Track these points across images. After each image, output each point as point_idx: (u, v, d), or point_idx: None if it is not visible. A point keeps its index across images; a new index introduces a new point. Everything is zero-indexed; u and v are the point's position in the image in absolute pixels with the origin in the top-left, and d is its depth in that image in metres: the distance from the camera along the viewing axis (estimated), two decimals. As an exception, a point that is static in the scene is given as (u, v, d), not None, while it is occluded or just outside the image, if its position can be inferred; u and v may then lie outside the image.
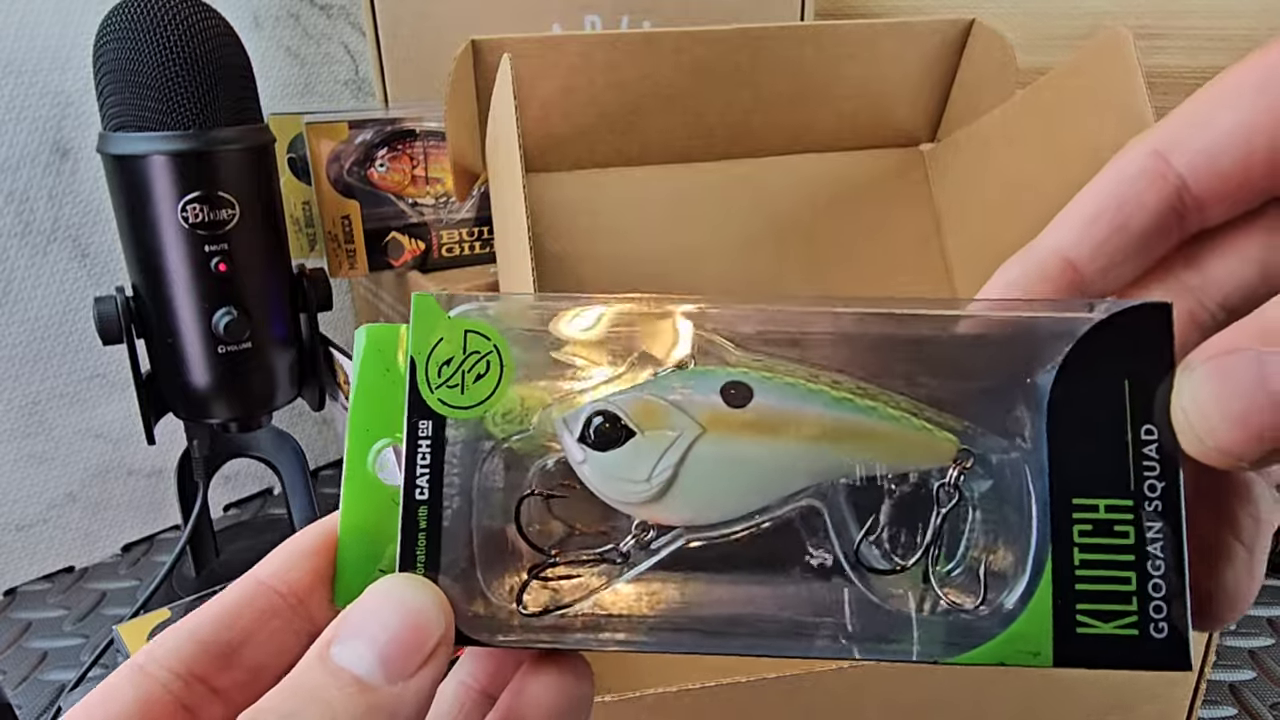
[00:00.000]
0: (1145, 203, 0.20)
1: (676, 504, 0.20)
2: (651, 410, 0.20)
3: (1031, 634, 0.18)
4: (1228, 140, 0.19)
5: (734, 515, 0.20)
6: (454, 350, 0.20)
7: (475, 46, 0.48)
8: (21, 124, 0.55)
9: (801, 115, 0.56)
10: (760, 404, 0.20)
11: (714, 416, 0.20)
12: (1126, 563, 0.18)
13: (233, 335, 0.48)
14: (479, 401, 0.20)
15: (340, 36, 0.67)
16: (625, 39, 0.52)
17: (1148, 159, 0.20)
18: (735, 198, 0.57)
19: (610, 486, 0.20)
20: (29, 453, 0.59)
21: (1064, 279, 0.20)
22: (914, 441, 0.20)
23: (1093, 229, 0.20)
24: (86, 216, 0.58)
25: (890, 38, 0.54)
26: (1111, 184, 0.20)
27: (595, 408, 0.20)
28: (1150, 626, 0.18)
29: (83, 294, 0.59)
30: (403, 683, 0.17)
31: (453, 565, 0.19)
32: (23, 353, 0.57)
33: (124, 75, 0.44)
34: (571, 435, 0.20)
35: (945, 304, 0.21)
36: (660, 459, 0.19)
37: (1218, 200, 0.20)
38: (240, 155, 0.47)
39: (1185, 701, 0.38)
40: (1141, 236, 0.20)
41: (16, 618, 0.57)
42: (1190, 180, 0.19)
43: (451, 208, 0.61)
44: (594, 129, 0.53)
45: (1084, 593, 0.18)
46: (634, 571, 0.20)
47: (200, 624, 0.19)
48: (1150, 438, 0.18)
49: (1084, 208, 0.21)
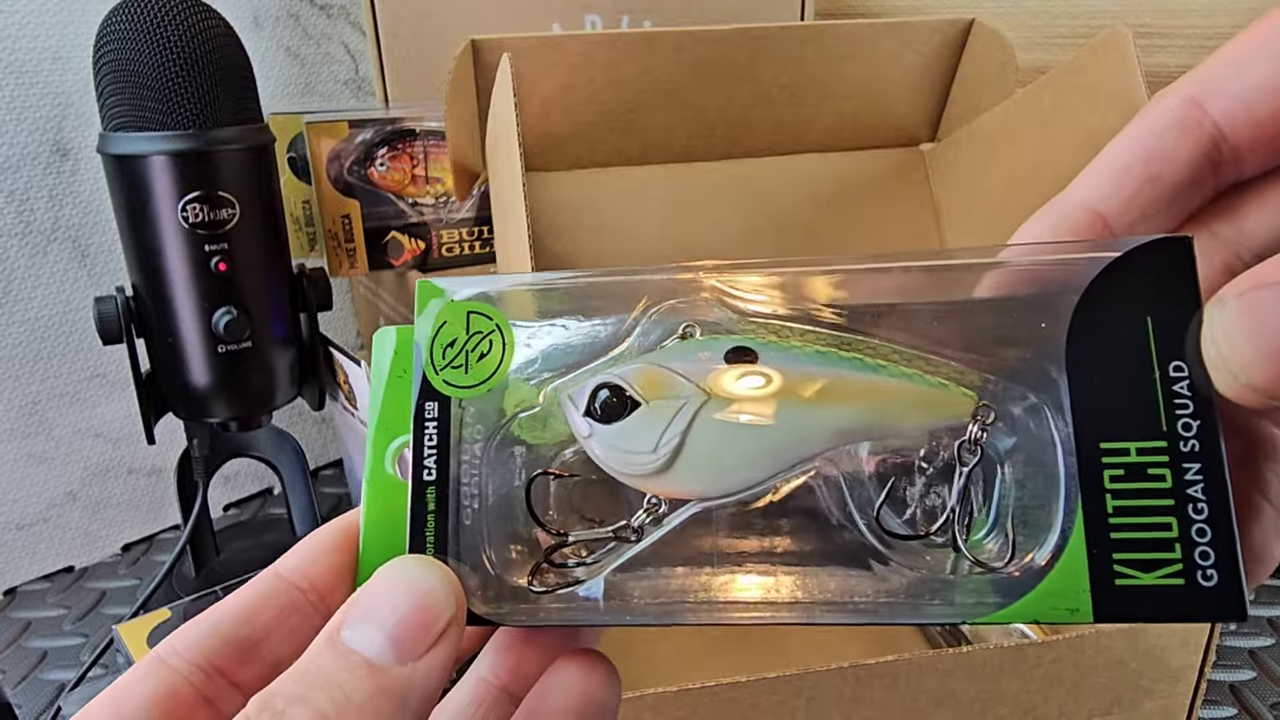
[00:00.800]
0: (1179, 153, 0.19)
1: (686, 474, 0.19)
2: (655, 379, 0.19)
3: (1067, 589, 0.17)
4: (1267, 86, 0.18)
5: (745, 484, 0.19)
6: (457, 332, 0.20)
7: (475, 46, 0.48)
8: (22, 124, 0.55)
9: (802, 114, 0.56)
10: (764, 367, 0.19)
11: (718, 383, 0.19)
12: (1165, 508, 0.17)
13: (233, 335, 0.48)
14: (482, 380, 0.20)
15: (340, 36, 0.67)
16: (625, 38, 0.52)
17: (1182, 107, 0.19)
18: (735, 197, 0.57)
19: (618, 459, 0.19)
20: (29, 452, 0.59)
21: (1092, 232, 0.20)
22: (929, 398, 0.19)
23: (1123, 181, 0.19)
24: (86, 216, 0.58)
25: (890, 37, 0.54)
26: (1144, 133, 0.19)
27: (599, 380, 0.19)
28: (1198, 574, 0.17)
29: (83, 294, 0.59)
30: (412, 664, 0.17)
31: (462, 545, 0.19)
32: (23, 352, 0.57)
33: (124, 75, 0.44)
34: (577, 410, 0.20)
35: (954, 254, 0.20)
36: (667, 428, 0.19)
37: (1254, 150, 0.19)
38: (240, 155, 0.47)
39: (1186, 700, 0.38)
40: (1174, 188, 0.19)
41: (16, 617, 0.57)
42: (1226, 129, 0.18)
43: (451, 207, 0.61)
44: (594, 128, 0.53)
45: (1121, 541, 0.17)
46: (646, 543, 0.20)
47: (222, 618, 0.20)
48: (1180, 374, 0.17)
49: (1114, 159, 0.20)
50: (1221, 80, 0.19)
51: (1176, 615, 0.17)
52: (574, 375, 0.20)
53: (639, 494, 0.20)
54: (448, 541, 0.19)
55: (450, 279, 0.21)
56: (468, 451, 0.20)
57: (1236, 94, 0.18)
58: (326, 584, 0.20)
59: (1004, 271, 0.19)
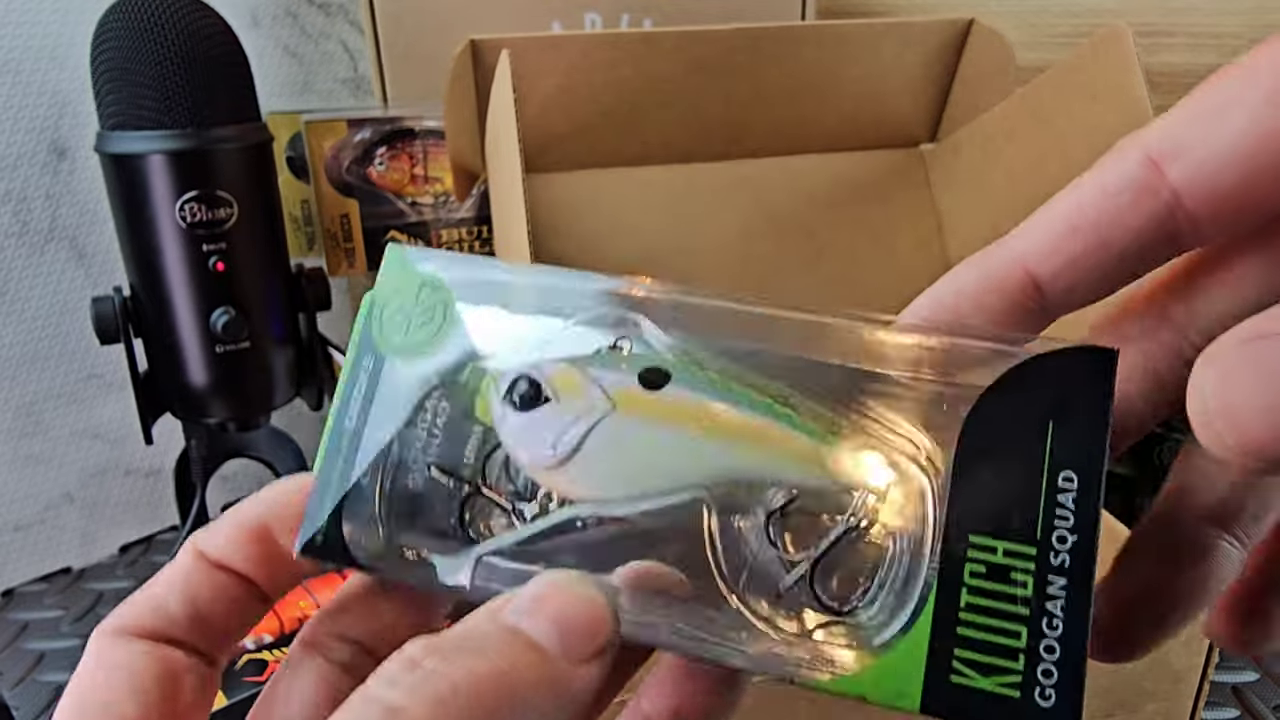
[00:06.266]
0: (1131, 220, 0.17)
1: (577, 476, 0.20)
2: (569, 380, 0.20)
3: (902, 672, 0.17)
4: (1232, 151, 0.16)
5: (627, 497, 0.19)
6: (407, 299, 0.21)
7: (475, 45, 0.48)
8: (19, 123, 0.54)
9: (801, 115, 0.56)
10: (673, 391, 0.20)
11: (626, 396, 0.20)
12: (1018, 615, 0.17)
13: (231, 335, 0.48)
14: (419, 348, 0.21)
15: (339, 35, 0.67)
16: (625, 38, 0.51)
17: (1139, 168, 0.17)
18: (735, 198, 0.57)
19: (521, 448, 0.20)
20: (26, 453, 0.58)
21: (1021, 295, 0.18)
22: (826, 457, 0.19)
23: (1066, 244, 0.18)
24: (84, 216, 0.58)
25: (890, 38, 0.54)
26: (1098, 193, 0.18)
27: (521, 370, 0.20)
28: (1036, 691, 0.16)
29: (80, 294, 0.58)
30: (581, 665, 0.17)
31: (361, 495, 0.20)
32: (20, 353, 0.57)
33: (122, 74, 0.44)
34: (498, 393, 0.20)
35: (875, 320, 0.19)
36: (568, 429, 0.20)
37: (1214, 220, 0.17)
38: (238, 154, 0.47)
39: (1188, 702, 0.38)
40: (1121, 258, 0.18)
41: (14, 618, 0.57)
42: (1185, 196, 0.17)
43: (451, 207, 0.61)
44: (594, 128, 0.53)
45: (966, 639, 0.17)
46: (526, 532, 0.20)
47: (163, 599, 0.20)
48: (1069, 486, 0.17)
49: (1060, 217, 0.18)
50: (1186, 140, 0.17)
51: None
52: (506, 361, 0.21)
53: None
54: (348, 483, 0.20)
55: (420, 250, 0.22)
56: (391, 409, 0.21)
57: (1200, 158, 0.16)
58: (250, 569, 0.21)
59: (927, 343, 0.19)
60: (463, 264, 0.22)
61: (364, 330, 0.21)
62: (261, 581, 0.21)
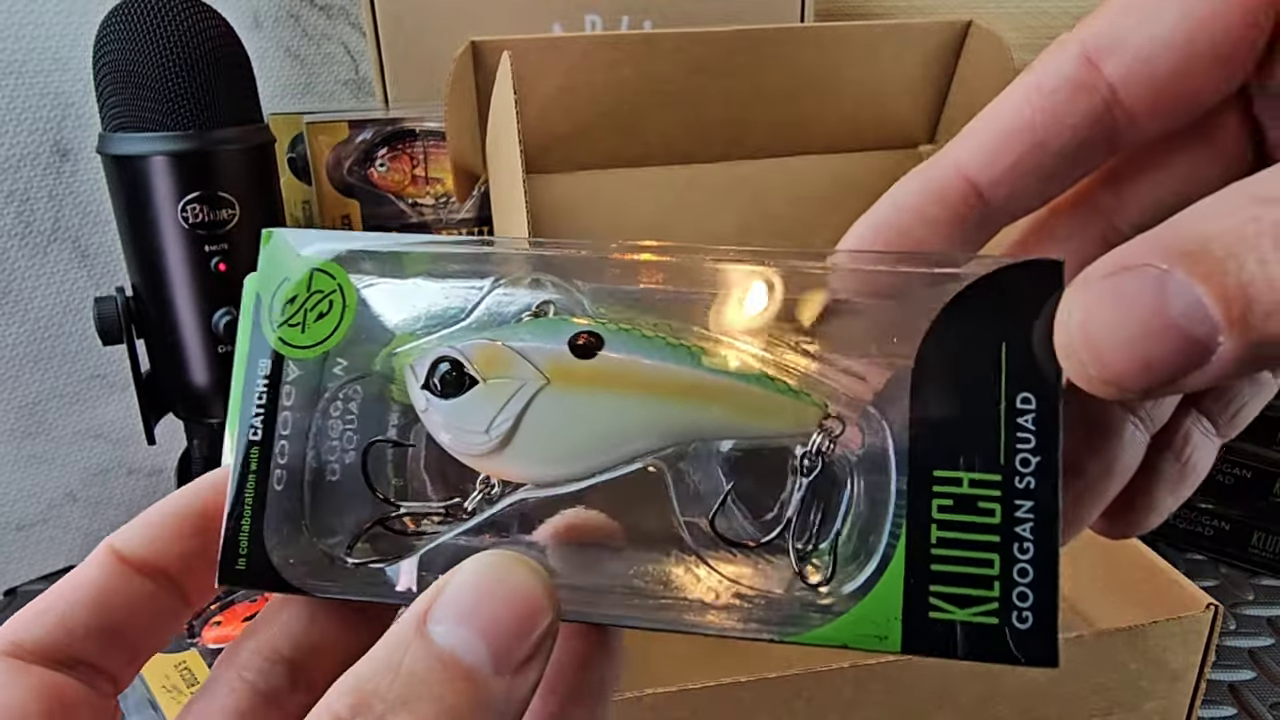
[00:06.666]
0: (1068, 119, 0.17)
1: (517, 458, 0.18)
2: (495, 357, 0.18)
3: (879, 616, 0.17)
4: (1168, 40, 0.16)
5: (578, 473, 0.18)
6: (299, 289, 0.19)
7: (475, 47, 0.49)
8: (22, 124, 0.55)
9: (801, 116, 0.56)
10: (608, 356, 0.18)
11: (558, 367, 0.18)
12: (989, 544, 0.16)
13: (233, 335, 0.48)
14: (318, 341, 0.19)
15: (340, 36, 0.67)
16: (625, 39, 0.52)
17: (1075, 65, 0.17)
18: (734, 198, 0.57)
19: (452, 437, 0.19)
20: (29, 453, 0.59)
21: (963, 204, 0.18)
22: (775, 405, 0.18)
23: (1004, 149, 0.17)
24: (86, 217, 0.58)
25: (889, 39, 0.54)
26: (1033, 93, 0.17)
27: (440, 353, 0.19)
28: (1013, 615, 0.16)
29: (83, 294, 0.59)
30: (510, 676, 0.16)
31: (281, 509, 0.19)
32: (23, 353, 0.57)
33: (124, 76, 0.44)
34: (417, 381, 0.19)
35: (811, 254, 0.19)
36: (501, 410, 0.18)
37: (1152, 115, 0.17)
38: (240, 155, 0.47)
39: (1185, 701, 0.38)
40: (1060, 158, 0.17)
41: (16, 618, 0.57)
42: (1122, 90, 0.16)
43: (451, 208, 0.61)
44: (594, 129, 0.53)
45: (940, 574, 0.16)
46: (470, 523, 0.19)
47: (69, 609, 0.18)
48: (1027, 407, 0.16)
49: (998, 121, 0.18)
50: (1118, 31, 0.16)
51: (986, 654, 0.16)
52: (420, 343, 0.19)
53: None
54: (265, 503, 0.19)
55: (299, 232, 0.19)
56: (297, 414, 0.19)
57: (1135, 49, 0.16)
58: (177, 570, 0.19)
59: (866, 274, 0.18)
60: (349, 240, 0.20)
61: (254, 330, 0.19)
62: (190, 587, 0.19)
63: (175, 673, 0.42)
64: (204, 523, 0.19)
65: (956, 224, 0.18)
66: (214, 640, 0.44)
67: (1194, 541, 0.58)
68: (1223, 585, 0.56)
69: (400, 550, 0.19)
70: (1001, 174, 0.18)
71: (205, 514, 0.19)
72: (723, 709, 0.34)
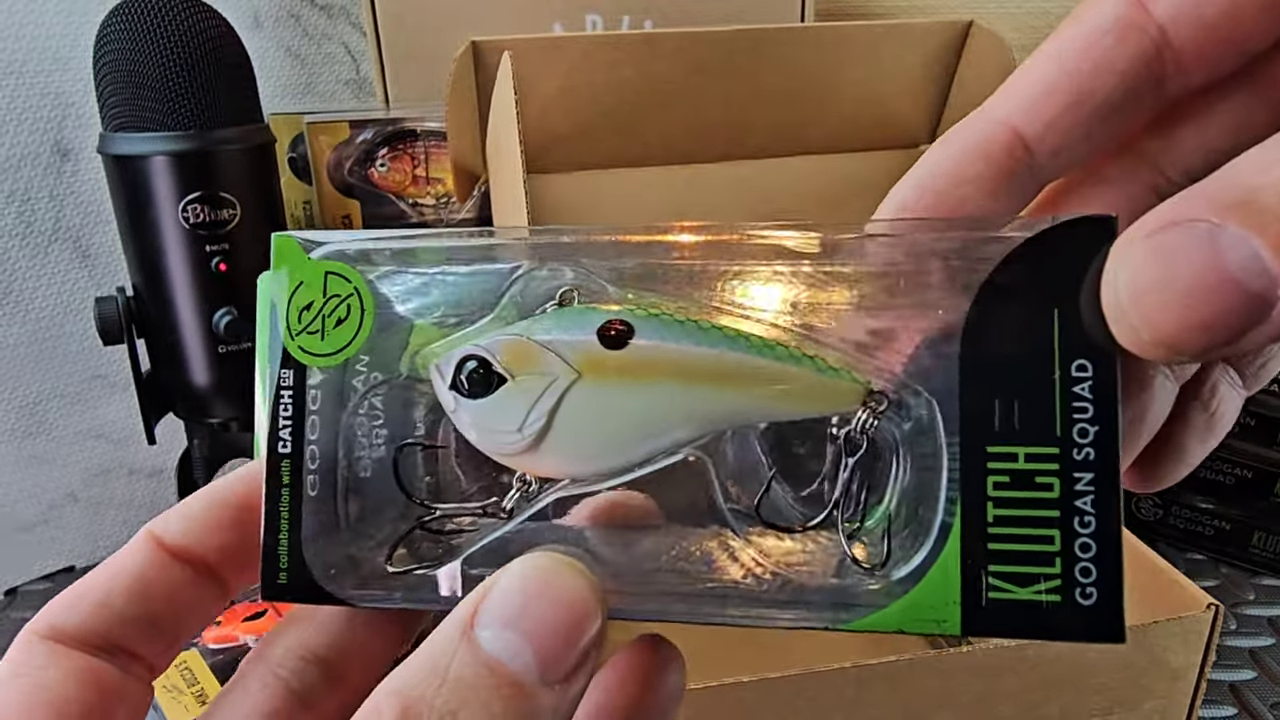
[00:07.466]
0: (1117, 64, 0.16)
1: (553, 455, 0.18)
2: (523, 353, 0.18)
3: (936, 599, 0.16)
4: None
5: (617, 466, 0.18)
6: (314, 294, 0.18)
7: (476, 47, 0.49)
8: (22, 124, 0.55)
9: (801, 116, 0.56)
10: (640, 344, 0.17)
11: (589, 360, 0.17)
12: (1049, 519, 0.16)
13: (233, 335, 0.48)
14: (340, 348, 0.18)
15: (341, 36, 0.67)
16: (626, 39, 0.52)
17: (1124, 6, 0.16)
18: (735, 199, 0.57)
19: (484, 437, 0.18)
20: (30, 453, 0.59)
21: (1009, 159, 0.17)
22: (817, 385, 0.17)
23: (1051, 99, 0.17)
24: (87, 217, 0.58)
25: (890, 39, 0.54)
26: (1078, 40, 0.16)
27: (466, 351, 0.18)
28: (1076, 591, 0.16)
29: (83, 294, 0.59)
30: (559, 686, 0.15)
31: (317, 520, 0.18)
32: (23, 353, 0.57)
33: (124, 75, 0.44)
34: (444, 381, 0.18)
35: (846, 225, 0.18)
36: (533, 407, 0.18)
37: (1202, 59, 0.16)
38: (241, 155, 0.47)
39: (1186, 700, 0.38)
40: (1108, 107, 0.16)
41: (17, 618, 0.57)
42: (1171, 31, 0.16)
43: (452, 208, 0.61)
44: (595, 129, 0.53)
45: (998, 553, 0.16)
46: (513, 524, 0.18)
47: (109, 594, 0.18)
48: (1083, 375, 0.16)
49: (1042, 73, 0.17)
50: None
51: (1050, 633, 0.16)
52: (445, 341, 0.18)
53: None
54: (302, 517, 0.18)
55: (308, 234, 0.19)
56: (325, 423, 0.18)
57: None
58: (216, 560, 0.19)
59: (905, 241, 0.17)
60: (360, 240, 0.19)
61: (271, 339, 0.19)
62: (228, 577, 0.19)
63: (175, 672, 0.42)
64: (241, 514, 0.19)
65: (1002, 179, 0.17)
66: (214, 640, 0.44)
67: (1194, 541, 0.58)
68: (1223, 585, 0.56)
69: (440, 553, 0.18)
70: (1047, 125, 0.17)
71: (242, 506, 0.19)
72: (725, 709, 0.34)
